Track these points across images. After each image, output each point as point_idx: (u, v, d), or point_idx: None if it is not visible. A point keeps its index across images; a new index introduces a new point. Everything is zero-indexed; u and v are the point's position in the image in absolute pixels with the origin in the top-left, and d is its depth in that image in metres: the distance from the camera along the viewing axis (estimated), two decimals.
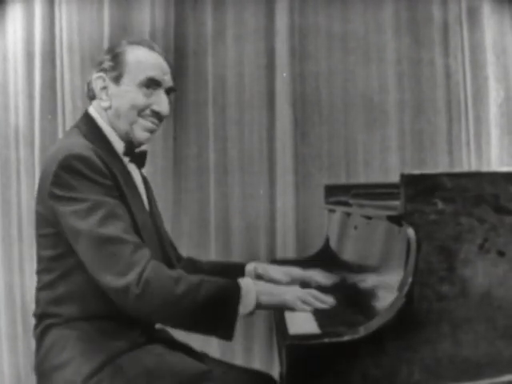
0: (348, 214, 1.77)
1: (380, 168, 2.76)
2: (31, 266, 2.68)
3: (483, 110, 2.68)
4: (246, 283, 1.23)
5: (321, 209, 2.33)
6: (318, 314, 1.25)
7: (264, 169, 2.75)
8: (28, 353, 2.68)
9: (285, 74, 2.73)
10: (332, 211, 2.05)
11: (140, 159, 1.43)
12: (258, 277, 1.55)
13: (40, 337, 1.28)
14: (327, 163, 2.77)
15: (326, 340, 1.01)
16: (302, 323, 1.18)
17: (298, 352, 1.01)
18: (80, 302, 1.24)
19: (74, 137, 1.32)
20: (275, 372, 1.56)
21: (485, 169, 2.54)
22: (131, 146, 1.39)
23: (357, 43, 2.77)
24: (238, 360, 2.63)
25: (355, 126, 2.77)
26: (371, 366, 1.02)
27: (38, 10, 2.68)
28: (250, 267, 1.58)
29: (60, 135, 2.69)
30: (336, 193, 2.04)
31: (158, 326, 1.42)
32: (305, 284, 1.54)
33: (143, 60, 1.36)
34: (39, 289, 1.31)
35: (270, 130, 2.76)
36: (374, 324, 1.02)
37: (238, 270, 1.57)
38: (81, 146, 1.27)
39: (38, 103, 2.68)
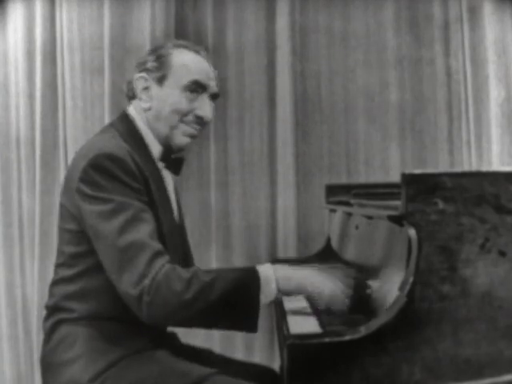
0: (349, 214, 1.77)
1: (381, 167, 2.76)
2: (32, 265, 2.68)
3: (484, 109, 2.68)
4: (265, 271, 1.17)
5: (322, 208, 2.33)
6: (319, 313, 1.25)
7: (265, 168, 2.75)
8: (29, 352, 2.68)
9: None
10: (333, 211, 2.05)
11: (176, 166, 1.40)
12: None
13: (50, 330, 1.27)
14: (328, 163, 2.77)
15: (327, 339, 1.01)
16: (303, 322, 1.18)
17: (299, 351, 1.01)
18: (95, 301, 1.23)
19: (108, 135, 1.29)
20: (276, 368, 1.57)
21: (485, 168, 2.53)
22: (168, 151, 1.36)
23: (358, 42, 2.77)
24: (239, 356, 2.62)
25: (356, 125, 2.77)
26: (372, 366, 1.02)
27: (39, 10, 2.68)
28: None
29: (60, 135, 2.69)
30: (337, 192, 2.04)
31: (168, 329, 1.42)
32: None
33: (189, 63, 1.33)
34: (56, 282, 1.30)
35: (270, 129, 2.76)
36: (375, 324, 1.02)
37: None
38: (114, 145, 1.23)
39: (38, 103, 2.68)
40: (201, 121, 1.34)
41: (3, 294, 2.70)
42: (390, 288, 1.16)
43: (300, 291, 1.20)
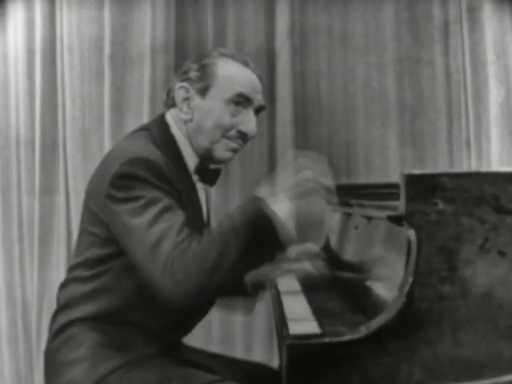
0: (348, 214, 1.77)
1: (380, 168, 2.76)
2: (31, 266, 2.68)
3: (483, 109, 2.68)
4: (269, 204, 1.09)
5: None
6: (319, 313, 1.25)
7: (264, 168, 2.75)
8: (28, 353, 2.68)
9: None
10: (332, 211, 2.04)
11: (211, 177, 1.34)
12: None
13: (58, 328, 1.25)
14: (327, 162, 2.77)
15: (327, 340, 1.01)
16: (302, 323, 1.18)
17: (298, 352, 1.01)
18: (106, 304, 1.20)
19: (142, 140, 1.23)
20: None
21: (485, 169, 2.53)
22: (205, 164, 1.31)
23: (357, 43, 2.78)
24: (238, 356, 2.62)
25: (355, 125, 2.77)
26: (372, 366, 1.02)
27: (39, 10, 2.68)
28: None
29: (60, 135, 2.69)
30: (336, 193, 2.04)
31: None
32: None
33: (234, 75, 1.26)
34: (69, 280, 1.28)
35: (270, 129, 2.76)
36: (375, 324, 1.02)
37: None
38: (149, 150, 1.17)
39: (38, 103, 2.69)
40: (244, 136, 1.29)
41: (3, 294, 2.70)
42: (389, 288, 1.16)
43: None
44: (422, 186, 1.08)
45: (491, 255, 1.08)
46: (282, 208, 1.10)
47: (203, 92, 1.25)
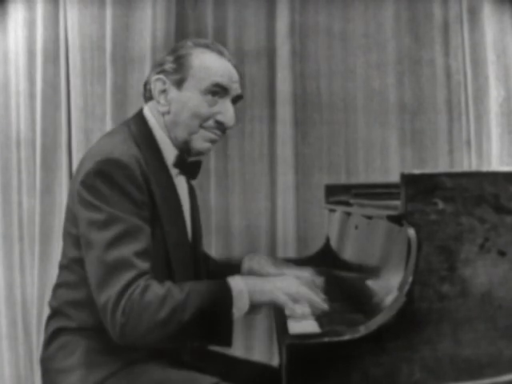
0: (348, 214, 1.77)
1: (380, 168, 2.76)
2: (32, 265, 2.68)
3: (484, 109, 2.68)
4: (237, 284, 1.14)
5: (321, 208, 2.33)
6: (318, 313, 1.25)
7: (264, 168, 2.75)
8: (28, 353, 2.68)
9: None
10: (332, 211, 2.05)
11: (192, 170, 1.35)
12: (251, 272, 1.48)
13: (51, 336, 1.26)
14: (327, 163, 2.77)
15: (326, 339, 1.01)
16: (302, 322, 1.18)
17: (298, 351, 1.01)
18: (95, 311, 1.17)
19: (120, 138, 1.23)
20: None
21: (485, 168, 2.53)
22: (184, 156, 1.31)
23: (357, 42, 2.78)
24: (238, 354, 2.62)
25: (356, 125, 2.77)
26: (371, 366, 1.02)
27: (40, 9, 2.68)
28: (244, 265, 1.50)
29: (62, 135, 2.69)
30: (336, 192, 2.04)
31: None
32: None
33: (209, 65, 1.26)
34: (59, 285, 1.28)
35: (270, 129, 2.76)
36: (375, 323, 1.02)
37: (237, 269, 1.49)
38: (124, 151, 1.17)
39: (39, 103, 2.68)
40: (222, 126, 1.28)
41: (3, 294, 2.70)
42: (389, 288, 1.16)
43: (273, 302, 1.18)
44: (422, 186, 1.08)
45: (491, 255, 1.08)
46: (248, 282, 1.16)
47: (179, 83, 1.25)
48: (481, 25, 2.68)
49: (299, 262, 2.02)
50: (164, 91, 1.27)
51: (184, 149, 1.29)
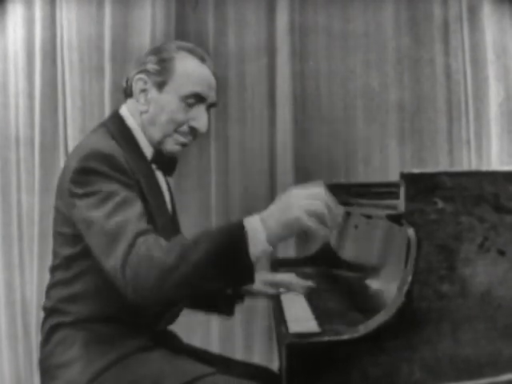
0: (348, 213, 1.77)
1: (380, 167, 2.76)
2: (31, 265, 2.68)
3: (483, 109, 2.68)
4: (252, 222, 1.08)
5: None
6: (318, 312, 1.25)
7: (264, 168, 2.75)
8: (28, 353, 2.68)
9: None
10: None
11: (169, 167, 1.37)
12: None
13: (48, 333, 1.27)
14: (327, 162, 2.77)
15: (326, 338, 1.01)
16: (301, 321, 1.18)
17: (297, 350, 1.01)
18: (91, 303, 1.22)
19: (99, 135, 1.27)
20: (275, 367, 1.57)
21: (485, 168, 2.53)
22: (161, 153, 1.33)
23: (357, 42, 2.78)
24: (238, 355, 2.62)
25: (355, 124, 2.77)
26: (371, 365, 1.02)
27: (39, 9, 2.68)
28: None
29: (60, 135, 2.69)
30: (336, 192, 2.03)
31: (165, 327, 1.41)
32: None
33: (191, 72, 1.29)
34: (52, 285, 1.30)
35: (270, 128, 2.76)
36: (374, 323, 1.02)
37: None
38: (104, 143, 1.21)
39: (38, 103, 2.68)
40: (194, 132, 1.32)
41: (2, 294, 2.70)
42: (388, 287, 1.16)
43: (293, 231, 1.09)
44: (422, 185, 1.08)
45: (491, 254, 1.08)
46: (265, 218, 1.09)
47: (160, 86, 1.28)
48: (481, 25, 2.69)
49: (299, 262, 2.02)
50: (144, 91, 1.30)
51: (157, 148, 1.33)
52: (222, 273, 1.06)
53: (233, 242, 1.06)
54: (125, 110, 1.34)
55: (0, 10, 2.71)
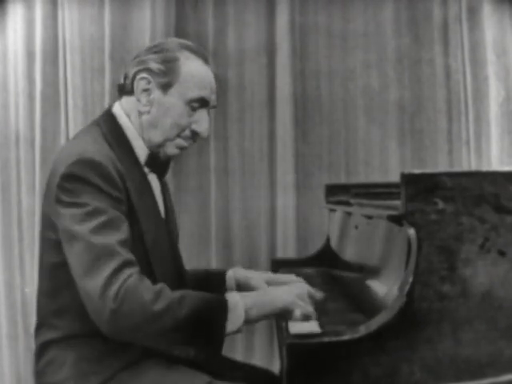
0: (348, 214, 1.77)
1: (380, 167, 2.76)
2: (31, 265, 2.68)
3: (483, 109, 2.68)
4: (233, 298, 1.13)
5: (321, 208, 2.33)
6: (319, 313, 1.25)
7: (264, 168, 2.75)
8: (28, 353, 2.68)
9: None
10: (332, 211, 2.05)
11: (162, 169, 1.33)
12: (239, 285, 1.43)
13: (38, 352, 1.23)
14: (327, 162, 2.77)
15: (327, 339, 1.01)
16: (302, 322, 1.18)
17: (298, 351, 1.01)
18: (80, 317, 1.14)
19: (91, 138, 1.22)
20: (275, 368, 1.57)
21: (485, 168, 2.54)
22: (155, 156, 1.29)
23: (357, 42, 2.78)
24: (238, 356, 2.63)
25: (355, 125, 2.77)
26: (372, 365, 1.02)
27: (39, 9, 2.68)
28: (230, 274, 1.45)
29: (61, 135, 2.69)
30: (336, 192, 2.04)
31: None
32: None
33: (197, 74, 1.25)
34: (40, 294, 1.26)
35: (270, 128, 2.76)
36: (375, 323, 1.02)
37: (219, 278, 1.45)
38: (96, 149, 1.16)
39: (38, 103, 2.69)
40: (196, 136, 1.28)
41: (3, 294, 2.70)
42: (389, 287, 1.16)
43: (274, 312, 1.16)
44: (422, 186, 1.08)
45: (491, 255, 1.08)
46: (244, 296, 1.16)
47: (165, 88, 1.23)
48: (480, 25, 2.69)
49: (299, 263, 2.02)
50: (147, 90, 1.24)
51: (154, 150, 1.28)
52: (195, 338, 1.09)
53: (213, 313, 1.10)
54: (118, 109, 1.28)
55: (0, 9, 2.71)
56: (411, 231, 1.08)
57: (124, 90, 1.28)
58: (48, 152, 2.69)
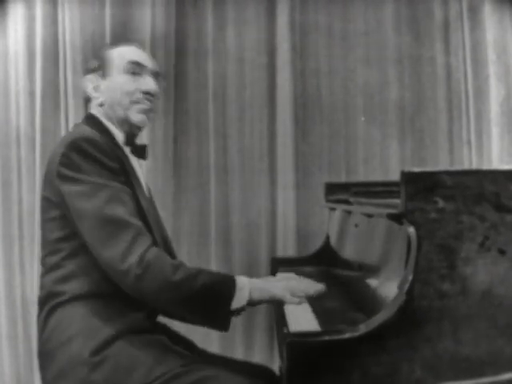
0: (348, 212, 1.77)
1: (380, 166, 2.76)
2: (31, 265, 2.68)
3: (484, 108, 2.68)
4: (241, 279, 1.25)
5: (321, 207, 2.33)
6: (319, 312, 1.25)
7: (264, 167, 2.75)
8: (28, 353, 2.68)
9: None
10: (332, 209, 2.05)
11: (141, 152, 1.47)
12: None
13: (45, 319, 1.28)
14: (327, 161, 2.77)
15: (327, 337, 1.01)
16: (302, 321, 1.18)
17: (298, 349, 1.01)
18: (86, 280, 1.26)
19: (81, 127, 1.38)
20: (275, 367, 1.57)
21: (485, 167, 2.53)
22: (131, 135, 1.44)
23: (357, 41, 2.78)
24: (239, 355, 2.63)
25: (355, 124, 2.77)
26: (372, 364, 1.02)
27: (40, 9, 2.68)
28: None
29: (61, 134, 2.69)
30: (336, 191, 2.04)
31: (160, 319, 1.44)
32: None
33: (127, 50, 1.44)
34: (45, 273, 1.32)
35: (270, 128, 2.76)
36: (375, 322, 1.02)
37: None
38: (88, 132, 1.32)
39: (39, 102, 2.68)
40: (149, 95, 1.42)
41: (3, 293, 2.70)
42: (389, 286, 1.16)
43: (272, 298, 1.27)
44: (422, 184, 1.08)
45: (491, 253, 1.08)
46: (252, 280, 1.27)
47: (105, 74, 1.42)
48: (481, 24, 2.68)
49: (299, 261, 2.02)
50: (95, 87, 1.43)
51: (126, 129, 1.43)
52: (204, 310, 1.21)
53: (222, 288, 1.22)
54: (94, 111, 1.45)
55: (1, 9, 2.71)
56: (411, 230, 1.08)
57: (86, 99, 1.47)
58: (48, 151, 2.68)
